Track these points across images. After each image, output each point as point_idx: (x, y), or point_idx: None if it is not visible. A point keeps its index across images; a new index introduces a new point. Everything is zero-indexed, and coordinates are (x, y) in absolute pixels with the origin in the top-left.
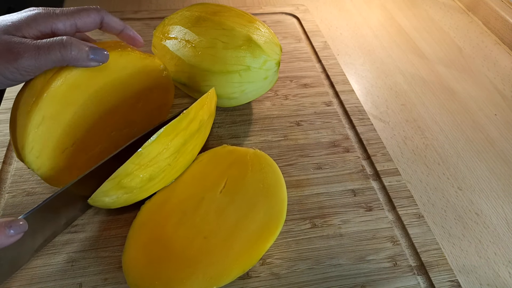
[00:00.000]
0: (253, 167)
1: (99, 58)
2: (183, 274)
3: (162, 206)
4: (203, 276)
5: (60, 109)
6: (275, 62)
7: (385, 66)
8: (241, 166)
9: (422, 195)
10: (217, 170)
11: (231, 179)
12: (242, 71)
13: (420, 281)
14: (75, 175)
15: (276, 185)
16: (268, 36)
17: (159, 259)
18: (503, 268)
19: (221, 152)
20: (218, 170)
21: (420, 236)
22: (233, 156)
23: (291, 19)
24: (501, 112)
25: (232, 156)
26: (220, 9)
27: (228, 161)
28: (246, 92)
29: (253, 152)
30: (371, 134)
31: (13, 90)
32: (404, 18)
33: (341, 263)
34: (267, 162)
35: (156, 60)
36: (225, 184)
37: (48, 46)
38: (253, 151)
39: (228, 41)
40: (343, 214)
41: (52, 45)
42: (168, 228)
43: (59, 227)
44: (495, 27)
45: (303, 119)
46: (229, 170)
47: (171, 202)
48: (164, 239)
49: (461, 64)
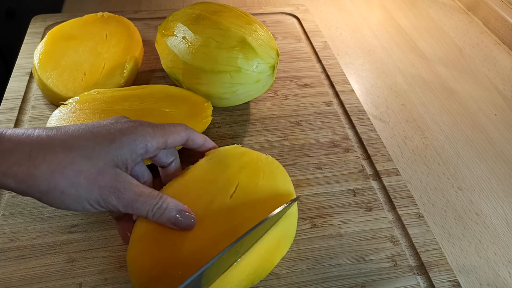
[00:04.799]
0: (264, 175)
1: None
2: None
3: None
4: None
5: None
6: (269, 66)
7: (385, 66)
8: (253, 172)
9: (422, 195)
10: (228, 172)
11: (242, 184)
12: (232, 72)
13: (420, 281)
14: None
15: (288, 195)
16: (264, 39)
17: (166, 262)
18: (503, 268)
19: (233, 152)
20: (229, 172)
21: (420, 236)
22: (244, 159)
23: (291, 19)
24: (501, 112)
25: (243, 159)
26: (221, 8)
27: (239, 164)
28: (237, 93)
29: (266, 158)
30: (371, 134)
31: (13, 90)
32: (404, 18)
33: (341, 263)
34: (279, 171)
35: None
36: (236, 189)
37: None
38: (266, 157)
39: (222, 41)
40: (343, 214)
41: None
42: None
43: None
44: (495, 27)
45: (303, 119)
46: (240, 174)
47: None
48: (172, 241)
49: (461, 64)
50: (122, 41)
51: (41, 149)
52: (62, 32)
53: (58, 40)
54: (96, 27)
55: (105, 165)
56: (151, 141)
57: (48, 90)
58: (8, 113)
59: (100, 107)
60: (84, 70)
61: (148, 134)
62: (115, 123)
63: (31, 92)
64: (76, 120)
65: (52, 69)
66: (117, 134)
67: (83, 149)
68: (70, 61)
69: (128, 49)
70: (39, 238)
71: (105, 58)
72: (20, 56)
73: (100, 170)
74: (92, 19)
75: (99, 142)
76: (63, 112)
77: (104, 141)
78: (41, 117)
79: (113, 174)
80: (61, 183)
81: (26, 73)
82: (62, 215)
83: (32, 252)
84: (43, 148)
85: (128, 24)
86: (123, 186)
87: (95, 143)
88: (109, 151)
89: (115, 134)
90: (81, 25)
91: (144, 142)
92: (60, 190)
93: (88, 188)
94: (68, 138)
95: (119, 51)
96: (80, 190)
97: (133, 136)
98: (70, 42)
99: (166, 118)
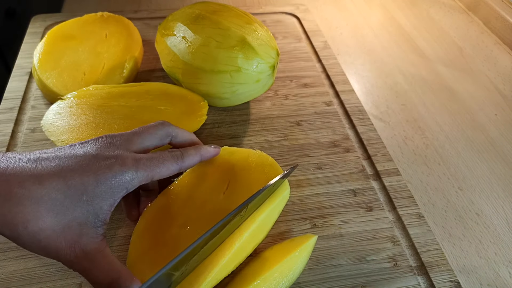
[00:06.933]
0: (255, 169)
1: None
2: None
3: (165, 209)
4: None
5: None
6: (269, 66)
7: (386, 66)
8: (243, 168)
9: (422, 195)
10: (219, 172)
11: (233, 181)
12: (233, 71)
13: (420, 281)
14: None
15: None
16: (264, 39)
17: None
18: (504, 268)
19: (222, 153)
20: (220, 171)
21: (421, 236)
22: (235, 158)
23: (291, 19)
24: (502, 112)
25: (233, 158)
26: (220, 8)
27: (230, 163)
28: (237, 93)
29: (254, 153)
30: (371, 134)
31: (12, 90)
32: (404, 18)
33: (341, 263)
34: (269, 163)
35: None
36: (228, 186)
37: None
38: (254, 152)
39: (222, 41)
40: (344, 214)
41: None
42: (173, 231)
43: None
44: (496, 27)
45: (303, 119)
46: (231, 172)
47: (174, 205)
48: (169, 242)
49: (461, 64)
50: (122, 41)
51: (7, 199)
52: (62, 32)
53: (58, 40)
54: (95, 27)
55: (70, 221)
56: (132, 182)
57: (48, 90)
58: (7, 113)
59: (96, 103)
60: (83, 70)
61: (129, 172)
62: (93, 162)
63: (30, 92)
64: (72, 115)
65: (52, 69)
66: (90, 183)
67: (51, 203)
68: (69, 61)
69: (127, 49)
70: None
71: (105, 58)
72: (20, 56)
73: (63, 227)
74: (92, 19)
75: (70, 196)
76: (61, 106)
77: (75, 194)
78: (41, 117)
79: (76, 233)
80: (23, 236)
81: (26, 73)
82: None
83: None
84: (9, 198)
85: (128, 24)
86: (81, 251)
87: (65, 196)
88: (79, 205)
89: (88, 182)
90: (80, 25)
91: (124, 185)
92: (22, 242)
93: (46, 246)
94: (38, 187)
95: (119, 51)
96: (40, 246)
97: (110, 181)
98: (69, 42)
99: (161, 116)
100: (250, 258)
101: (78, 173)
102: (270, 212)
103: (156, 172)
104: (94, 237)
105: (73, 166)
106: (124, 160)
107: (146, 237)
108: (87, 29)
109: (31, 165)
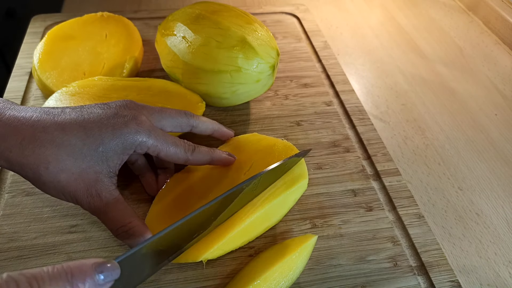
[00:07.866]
0: (279, 156)
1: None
2: (198, 244)
3: (185, 183)
4: (217, 247)
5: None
6: (269, 66)
7: (386, 66)
8: (268, 154)
9: (422, 195)
10: (243, 155)
11: (256, 164)
12: (233, 71)
13: (420, 281)
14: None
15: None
16: (264, 38)
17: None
18: (504, 268)
19: (250, 139)
20: (245, 154)
21: (421, 236)
22: (262, 144)
23: (291, 19)
24: (502, 112)
25: (261, 144)
26: (221, 8)
27: (257, 148)
28: (237, 93)
29: (281, 142)
30: (371, 134)
31: (12, 90)
32: (404, 18)
33: (341, 263)
34: (293, 152)
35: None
36: (250, 168)
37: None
38: (281, 142)
39: (222, 41)
40: (343, 214)
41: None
42: (191, 202)
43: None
44: (496, 27)
45: (303, 119)
46: (255, 156)
47: (194, 178)
48: (186, 211)
49: (462, 64)
50: (122, 41)
51: (31, 141)
52: (62, 32)
53: (58, 40)
54: (95, 27)
55: (88, 167)
56: (141, 144)
57: (48, 90)
58: None
59: (98, 94)
60: (83, 70)
61: (142, 133)
62: (112, 117)
63: (30, 92)
64: (72, 103)
65: (52, 69)
66: (107, 135)
67: (71, 148)
68: (69, 61)
69: (127, 49)
70: (38, 238)
71: (105, 58)
72: (20, 56)
73: (81, 171)
74: (92, 19)
75: (88, 144)
76: (63, 93)
77: (93, 143)
78: None
79: (93, 179)
80: (44, 176)
81: (26, 73)
82: (62, 215)
83: (32, 252)
84: (33, 141)
85: (128, 24)
86: (97, 194)
87: (84, 144)
88: (95, 154)
89: (106, 134)
90: (80, 25)
91: (134, 143)
92: (42, 182)
93: (65, 186)
94: (60, 132)
95: (119, 51)
96: (59, 186)
97: (124, 137)
98: (69, 42)
99: None
100: (250, 258)
101: (98, 125)
102: (286, 197)
103: (164, 149)
104: (108, 185)
105: (94, 119)
106: (141, 121)
107: (165, 204)
108: (87, 29)
109: (55, 115)
